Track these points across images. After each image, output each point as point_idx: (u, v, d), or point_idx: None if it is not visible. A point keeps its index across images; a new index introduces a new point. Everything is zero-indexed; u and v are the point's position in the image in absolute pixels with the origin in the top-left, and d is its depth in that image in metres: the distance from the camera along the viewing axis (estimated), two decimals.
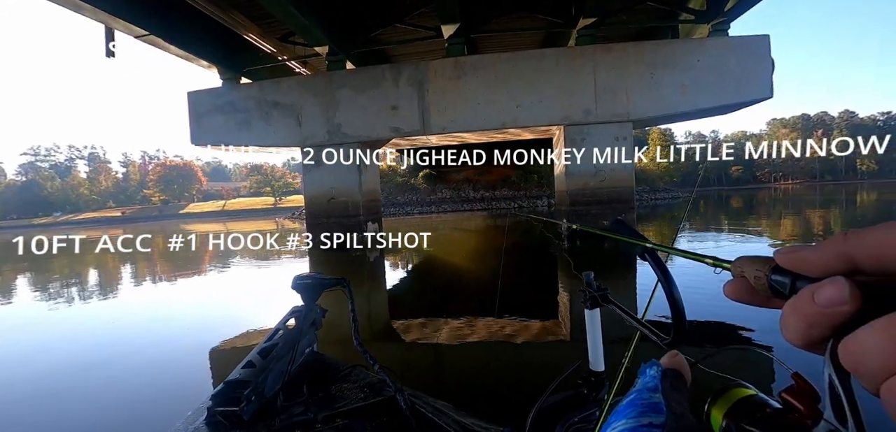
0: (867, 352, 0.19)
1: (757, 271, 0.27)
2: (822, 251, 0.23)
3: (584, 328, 1.03)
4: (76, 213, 63.69)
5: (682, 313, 0.58)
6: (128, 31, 9.21)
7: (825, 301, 0.21)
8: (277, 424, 0.96)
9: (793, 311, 0.23)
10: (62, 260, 12.28)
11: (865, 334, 0.19)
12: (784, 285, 0.25)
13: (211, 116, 10.84)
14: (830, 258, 0.23)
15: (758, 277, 0.27)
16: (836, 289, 0.21)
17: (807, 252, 0.24)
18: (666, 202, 32.36)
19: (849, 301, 0.21)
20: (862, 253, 0.22)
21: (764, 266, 0.27)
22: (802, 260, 0.24)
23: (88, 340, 4.34)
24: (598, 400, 0.98)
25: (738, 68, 9.21)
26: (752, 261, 0.28)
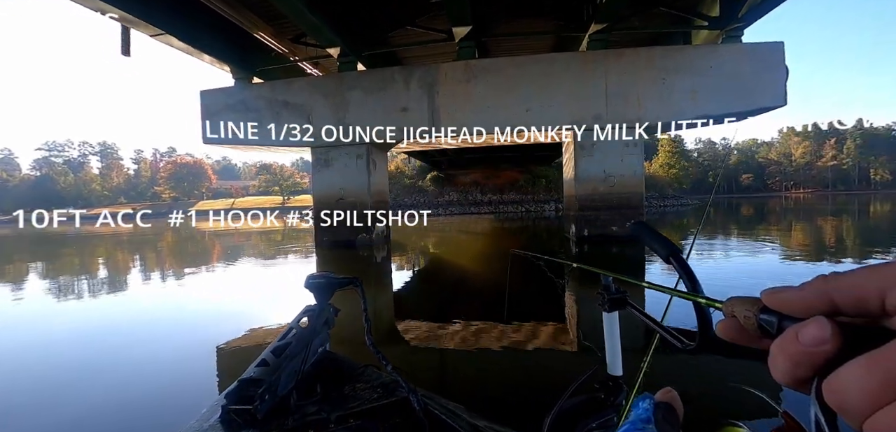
0: (849, 390, 0.20)
1: (746, 311, 0.28)
2: (805, 292, 0.24)
3: (594, 333, 1.03)
4: (88, 209, 64.62)
5: (709, 318, 0.57)
6: (143, 30, 9.36)
7: (808, 340, 0.22)
8: (291, 423, 0.96)
9: (779, 351, 0.24)
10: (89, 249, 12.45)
11: (847, 372, 0.20)
12: (772, 324, 0.26)
13: (222, 115, 10.96)
14: (812, 298, 0.24)
15: (747, 317, 0.28)
16: (818, 328, 0.22)
17: (790, 292, 0.25)
18: (675, 209, 32.07)
19: (830, 340, 0.22)
20: (841, 295, 0.23)
21: (753, 306, 0.27)
22: (786, 300, 0.25)
23: (110, 333, 4.38)
24: (615, 405, 0.96)
25: (751, 75, 9.12)
26: (742, 301, 0.29)
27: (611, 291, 0.95)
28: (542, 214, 27.88)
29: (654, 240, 0.66)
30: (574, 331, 3.81)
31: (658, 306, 3.24)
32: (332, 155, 10.63)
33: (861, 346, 0.21)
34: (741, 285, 5.48)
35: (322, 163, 10.75)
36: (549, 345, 3.45)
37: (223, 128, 11.01)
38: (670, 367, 2.32)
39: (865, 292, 0.22)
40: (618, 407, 0.95)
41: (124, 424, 2.44)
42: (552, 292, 5.46)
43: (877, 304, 0.22)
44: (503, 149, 20.55)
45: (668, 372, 1.11)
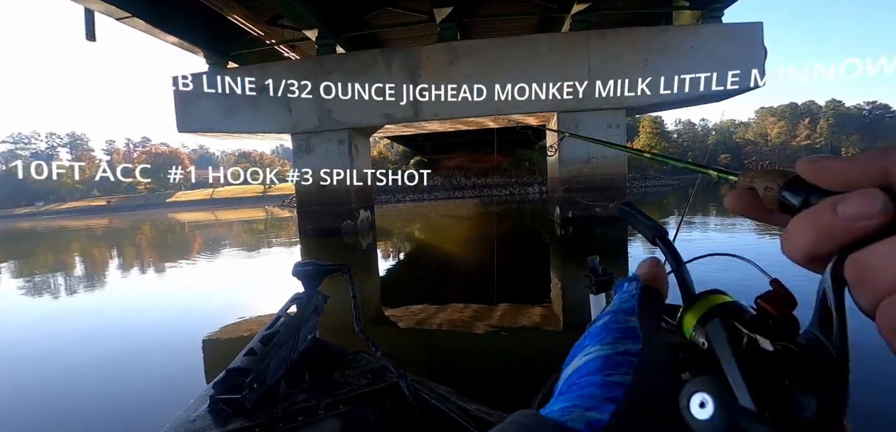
0: (880, 267, 0.19)
1: (768, 183, 0.26)
2: (854, 163, 0.22)
3: (580, 313, 1.01)
4: (59, 203, 62.37)
5: (694, 295, 0.56)
6: (108, 13, 8.88)
7: (852, 213, 0.20)
8: (280, 411, 0.95)
9: (807, 223, 0.22)
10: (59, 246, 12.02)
11: (884, 248, 0.19)
12: (798, 198, 0.24)
13: (197, 102, 10.58)
14: (859, 173, 0.21)
15: (769, 189, 0.26)
16: (869, 200, 0.20)
17: (837, 163, 0.23)
18: (656, 189, 32.69)
19: (879, 214, 0.20)
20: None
21: (776, 178, 0.26)
22: (830, 170, 0.23)
23: (89, 330, 4.24)
24: None
25: (731, 56, 9.21)
26: (763, 173, 0.27)
27: (598, 273, 0.94)
28: (527, 197, 28.05)
29: (640, 221, 0.64)
30: (561, 312, 3.83)
31: None
32: (314, 141, 10.39)
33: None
34: None
35: (303, 149, 10.50)
36: (537, 326, 3.45)
37: (198, 115, 10.65)
38: None
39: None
40: None
41: (111, 417, 2.39)
42: (540, 273, 5.48)
43: None
44: (487, 131, 20.46)
45: None
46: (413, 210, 22.12)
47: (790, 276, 0.31)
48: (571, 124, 9.75)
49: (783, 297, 0.31)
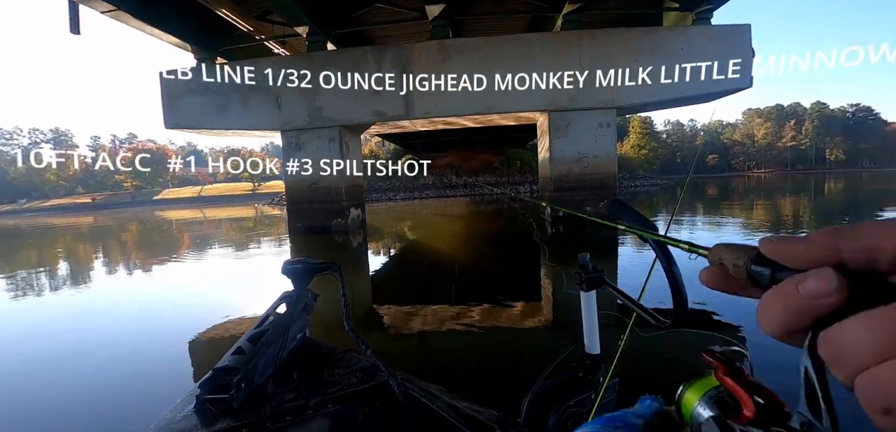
0: (849, 344, 0.20)
1: (736, 259, 0.27)
2: (810, 243, 0.23)
3: (571, 311, 1.02)
4: (43, 200, 61.05)
5: (684, 295, 0.57)
6: (93, 6, 8.69)
7: (811, 291, 0.21)
8: (267, 411, 0.94)
9: (776, 301, 0.23)
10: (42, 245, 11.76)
11: (850, 325, 0.20)
12: (764, 275, 0.25)
13: (185, 99, 10.42)
14: (818, 251, 0.23)
15: (737, 266, 0.27)
16: (824, 280, 0.21)
17: (794, 243, 0.24)
18: (646, 189, 33.02)
19: (835, 292, 0.21)
20: (850, 248, 0.22)
21: (744, 254, 0.27)
22: (787, 251, 0.24)
23: (73, 330, 4.15)
24: (593, 383, 0.97)
25: (719, 57, 9.30)
26: (730, 248, 0.28)
27: (588, 270, 0.94)
28: (518, 195, 28.10)
29: (630, 218, 0.65)
30: (552, 310, 3.84)
31: (634, 283, 3.23)
32: (304, 138, 10.30)
33: (865, 301, 0.20)
34: None
35: (293, 147, 10.40)
36: (528, 324, 3.46)
37: (186, 112, 10.48)
38: (648, 344, 2.38)
39: (877, 245, 0.21)
40: (596, 385, 0.95)
41: (94, 419, 2.35)
42: (530, 271, 5.50)
43: (888, 259, 0.21)
44: (478, 131, 20.50)
45: (647, 349, 1.13)
46: (404, 208, 22.07)
47: None
48: (563, 123, 9.79)
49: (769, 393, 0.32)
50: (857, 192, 19.20)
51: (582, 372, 0.97)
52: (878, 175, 47.21)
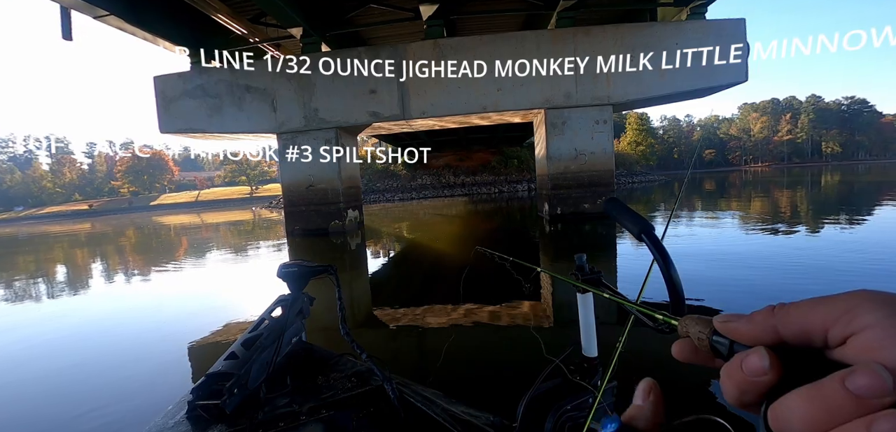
0: (791, 418, 0.21)
1: (700, 332, 0.29)
2: (753, 323, 0.25)
3: (568, 310, 0.99)
4: (39, 208, 60.79)
5: (682, 296, 0.57)
6: (85, 11, 8.63)
7: (750, 369, 0.23)
8: (261, 417, 0.93)
9: (727, 376, 0.25)
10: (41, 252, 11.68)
11: (789, 401, 0.21)
12: (724, 347, 0.27)
13: (180, 102, 10.38)
14: (760, 329, 0.25)
15: (700, 338, 0.29)
16: (758, 359, 0.23)
17: (740, 322, 0.26)
18: (643, 185, 33.05)
19: (769, 371, 0.23)
20: (786, 327, 0.24)
21: (706, 328, 0.29)
22: (735, 329, 0.26)
23: (65, 336, 4.11)
24: (591, 386, 0.95)
25: (715, 51, 9.32)
26: (696, 321, 0.30)
27: (585, 271, 0.92)
28: (516, 194, 28.12)
29: (626, 216, 0.64)
30: (551, 310, 3.81)
31: (632, 284, 3.21)
32: (300, 141, 10.26)
33: (802, 376, 0.22)
34: (714, 274, 5.63)
35: (289, 149, 10.36)
36: (526, 324, 3.43)
37: (181, 115, 10.43)
38: (647, 346, 2.36)
39: (810, 325, 0.23)
40: (593, 388, 0.93)
41: (87, 425, 2.32)
42: (529, 271, 5.47)
43: (820, 337, 0.23)
44: (475, 130, 20.49)
45: (645, 351, 1.13)
46: (402, 209, 22.03)
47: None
48: (559, 121, 9.78)
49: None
50: (853, 185, 19.26)
51: (579, 375, 0.96)
52: (873, 166, 47.45)
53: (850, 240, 6.11)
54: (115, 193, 66.90)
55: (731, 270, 4.71)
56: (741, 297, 3.68)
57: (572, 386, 0.95)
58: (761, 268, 4.76)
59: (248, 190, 60.74)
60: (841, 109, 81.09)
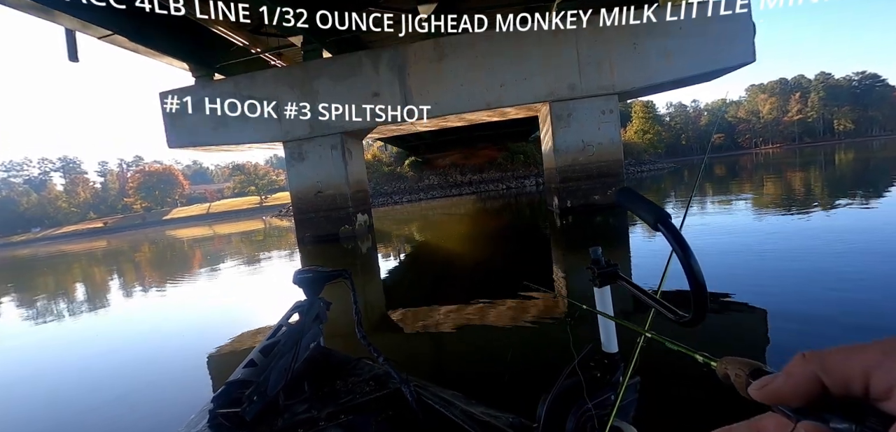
0: None
1: (737, 372, 0.30)
2: (792, 378, 0.25)
3: (586, 304, 0.97)
4: (55, 228, 62.01)
5: (703, 287, 0.55)
6: (88, 32, 8.77)
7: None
8: (280, 423, 0.94)
9: None
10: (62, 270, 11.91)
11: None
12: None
13: (186, 117, 10.49)
14: (802, 384, 0.24)
15: (738, 376, 0.30)
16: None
17: (777, 384, 0.25)
18: (652, 174, 32.71)
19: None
20: (830, 377, 0.23)
21: (744, 368, 0.30)
22: (776, 393, 0.26)
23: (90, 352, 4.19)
24: (612, 383, 0.92)
25: (720, 33, 9.16)
26: (734, 362, 0.31)
27: (601, 265, 0.90)
28: (524, 190, 28.00)
29: (641, 206, 0.63)
30: (566, 304, 3.77)
31: (651, 275, 3.12)
32: (306, 148, 10.31)
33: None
34: (738, 261, 5.52)
35: (296, 157, 10.42)
36: (543, 320, 3.39)
37: (188, 130, 10.55)
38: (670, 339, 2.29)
39: (851, 373, 0.23)
40: (615, 385, 0.91)
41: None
42: (543, 266, 5.42)
43: (860, 385, 0.22)
44: (479, 127, 20.41)
45: (668, 345, 1.09)
46: (411, 210, 22.05)
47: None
48: (564, 113, 9.69)
49: None
50: (868, 162, 18.84)
51: (600, 373, 0.93)
52: (888, 142, 46.35)
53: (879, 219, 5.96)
54: (129, 210, 68.00)
55: (753, 259, 4.60)
56: (767, 291, 3.42)
57: (594, 384, 0.93)
58: (788, 258, 4.62)
59: (257, 199, 61.30)
60: (852, 85, 79.28)
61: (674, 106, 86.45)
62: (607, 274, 0.89)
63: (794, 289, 3.39)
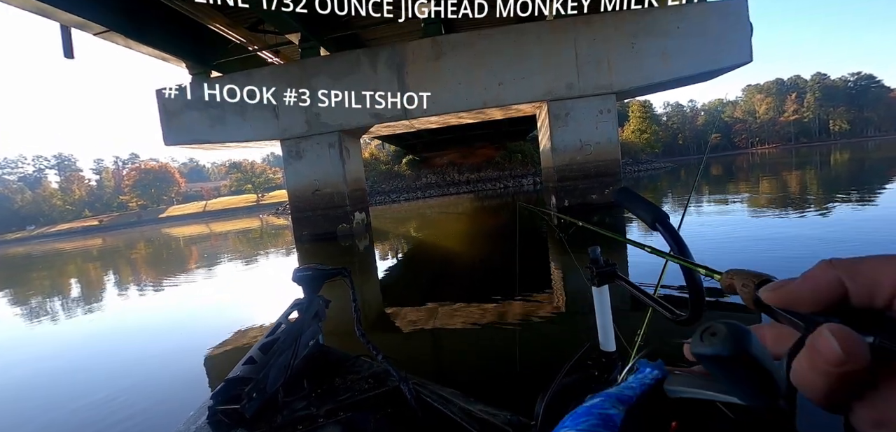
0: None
1: (745, 281, 0.29)
2: (811, 282, 0.23)
3: (583, 303, 0.97)
4: (50, 225, 61.62)
5: (700, 286, 0.55)
6: (84, 29, 8.70)
7: (831, 354, 0.19)
8: (279, 420, 0.95)
9: (809, 367, 0.21)
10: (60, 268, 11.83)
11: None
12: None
13: (183, 114, 10.44)
14: (820, 287, 0.22)
15: (745, 286, 0.29)
16: (836, 338, 0.19)
17: (794, 285, 0.23)
18: (649, 173, 32.80)
19: (861, 348, 0.19)
20: (855, 284, 0.21)
21: (752, 279, 0.29)
22: (792, 296, 0.23)
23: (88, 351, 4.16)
24: (610, 381, 0.93)
25: (717, 33, 9.20)
26: (740, 273, 0.30)
27: (599, 265, 0.90)
28: (521, 189, 28.04)
29: (639, 205, 0.64)
30: (564, 303, 3.78)
31: (648, 275, 3.16)
32: (303, 146, 10.28)
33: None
34: (738, 256, 5.55)
35: (293, 155, 10.39)
36: (541, 319, 3.40)
37: (184, 127, 10.49)
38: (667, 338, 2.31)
39: (879, 282, 0.21)
40: (612, 383, 0.91)
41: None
42: (540, 265, 5.44)
43: (887, 295, 0.20)
44: (477, 126, 20.43)
45: (665, 344, 1.10)
46: (408, 209, 22.04)
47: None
48: (562, 112, 9.70)
49: None
50: (863, 162, 18.96)
51: (598, 371, 0.92)
52: (883, 142, 46.65)
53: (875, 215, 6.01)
54: (124, 208, 67.65)
55: (750, 258, 4.63)
56: None
57: (592, 382, 0.93)
58: (785, 256, 4.67)
59: (254, 198, 61.13)
60: (848, 86, 79.73)
61: (671, 105, 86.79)
62: (606, 273, 0.89)
63: None
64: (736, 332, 0.22)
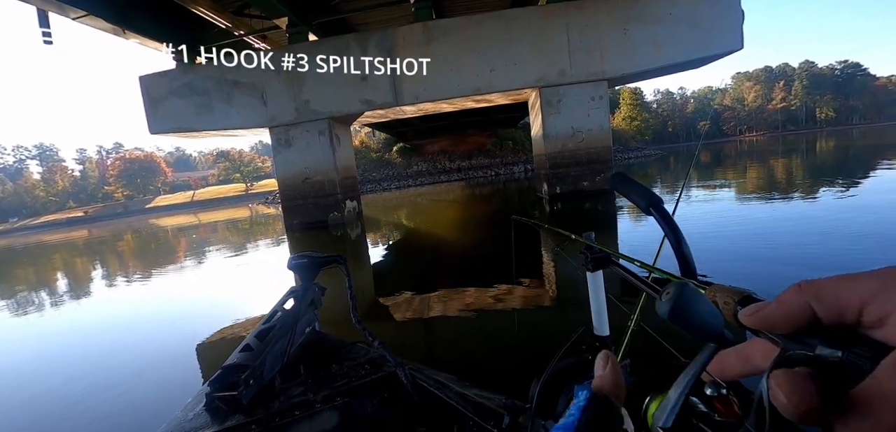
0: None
1: (726, 299, 0.31)
2: (783, 305, 0.25)
3: (575, 289, 0.96)
4: (34, 217, 60.30)
5: (693, 270, 0.56)
6: (63, 12, 8.40)
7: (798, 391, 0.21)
8: (276, 406, 0.96)
9: (784, 390, 0.23)
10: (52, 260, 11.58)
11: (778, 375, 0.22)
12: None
13: (168, 101, 10.20)
14: (793, 311, 0.24)
15: (727, 304, 0.30)
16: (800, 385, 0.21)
17: (768, 310, 0.26)
18: (639, 160, 33.04)
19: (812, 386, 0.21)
20: (822, 306, 0.23)
21: (732, 295, 0.31)
22: (766, 319, 0.26)
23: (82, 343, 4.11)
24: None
25: (709, 20, 9.19)
26: (723, 290, 0.32)
27: (593, 250, 0.90)
28: (513, 176, 28.05)
29: (633, 190, 0.65)
30: (556, 289, 3.78)
31: (641, 258, 3.10)
32: (293, 134, 10.13)
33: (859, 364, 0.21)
34: (726, 246, 5.60)
35: (282, 143, 10.23)
36: (533, 304, 3.40)
37: (170, 115, 10.26)
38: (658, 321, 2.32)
39: (845, 302, 0.22)
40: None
41: (108, 421, 2.40)
42: (533, 251, 5.45)
43: (854, 315, 0.22)
44: (468, 113, 20.35)
45: (657, 327, 1.11)
46: (399, 197, 21.94)
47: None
48: (554, 99, 9.66)
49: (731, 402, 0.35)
50: (848, 150, 19.27)
51: (592, 355, 0.93)
52: (867, 130, 47.48)
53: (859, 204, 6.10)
54: (110, 198, 66.39)
55: (740, 242, 4.68)
56: (756, 274, 3.54)
57: (585, 366, 0.92)
58: (777, 244, 4.72)
59: (243, 187, 60.37)
60: (834, 74, 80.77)
61: (661, 93, 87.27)
62: (600, 258, 0.89)
63: (780, 273, 3.46)
64: (680, 289, 0.28)
